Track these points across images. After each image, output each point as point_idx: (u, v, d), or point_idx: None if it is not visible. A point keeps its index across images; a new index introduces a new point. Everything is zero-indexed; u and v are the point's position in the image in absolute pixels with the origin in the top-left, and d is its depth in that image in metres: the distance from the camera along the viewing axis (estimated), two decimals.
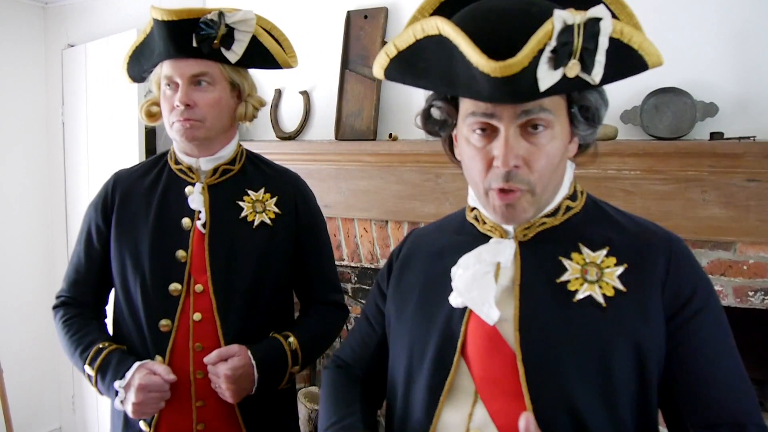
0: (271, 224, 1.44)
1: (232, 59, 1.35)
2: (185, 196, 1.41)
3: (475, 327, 0.93)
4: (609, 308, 0.86)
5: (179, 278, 1.36)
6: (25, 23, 3.43)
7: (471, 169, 0.91)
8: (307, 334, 1.46)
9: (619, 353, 0.84)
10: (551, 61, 0.75)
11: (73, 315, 1.43)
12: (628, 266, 0.89)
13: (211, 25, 1.30)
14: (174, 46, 1.32)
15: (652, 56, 0.80)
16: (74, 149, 3.40)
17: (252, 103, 1.46)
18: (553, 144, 0.86)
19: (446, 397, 0.92)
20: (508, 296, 0.92)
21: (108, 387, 1.32)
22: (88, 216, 1.47)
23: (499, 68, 0.73)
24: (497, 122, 0.85)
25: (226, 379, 1.29)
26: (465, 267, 0.95)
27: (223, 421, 1.39)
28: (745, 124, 1.86)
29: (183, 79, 1.34)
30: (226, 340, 1.36)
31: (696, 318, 0.87)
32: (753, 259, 1.83)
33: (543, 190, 0.89)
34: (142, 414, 1.30)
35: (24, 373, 3.37)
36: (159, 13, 1.30)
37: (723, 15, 1.89)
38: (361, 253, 2.52)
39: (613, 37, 0.77)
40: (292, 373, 1.43)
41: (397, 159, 2.32)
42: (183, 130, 1.35)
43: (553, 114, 0.85)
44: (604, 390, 0.84)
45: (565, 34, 0.74)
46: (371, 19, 2.45)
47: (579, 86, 0.81)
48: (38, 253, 3.55)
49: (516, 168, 0.85)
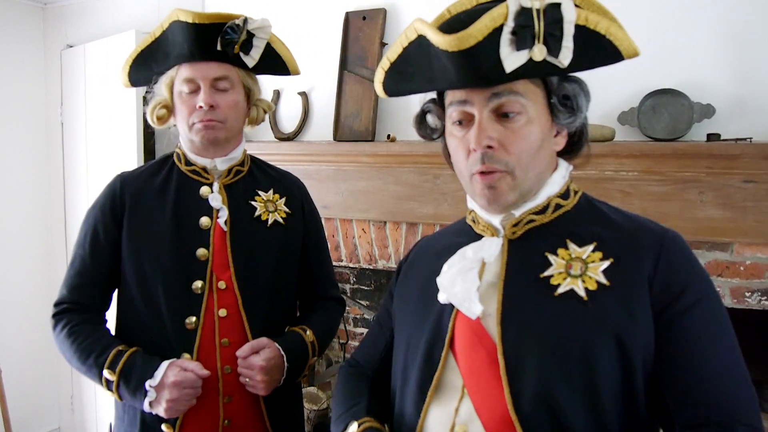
0: (283, 223, 1.49)
1: (250, 64, 1.40)
2: (200, 196, 1.43)
3: (462, 323, 0.95)
4: (590, 302, 0.86)
5: (202, 276, 1.39)
6: (24, 24, 3.43)
7: (457, 161, 0.95)
8: (320, 327, 1.52)
9: (601, 346, 0.84)
10: (512, 42, 0.80)
11: (79, 322, 1.40)
12: (614, 261, 0.88)
13: (236, 29, 1.34)
14: (199, 49, 1.35)
15: (623, 42, 0.82)
16: (73, 149, 3.41)
17: (262, 107, 1.51)
18: (529, 128, 0.89)
19: (434, 392, 0.94)
20: (493, 291, 0.93)
21: (135, 389, 1.30)
22: (91, 218, 1.45)
23: (452, 40, 0.79)
24: (471, 108, 0.89)
25: (260, 370, 1.33)
26: (451, 265, 0.98)
27: (249, 416, 1.42)
28: (741, 125, 1.87)
29: (205, 82, 1.37)
30: (253, 335, 1.40)
31: (688, 314, 0.85)
32: (750, 260, 1.83)
33: (523, 174, 0.91)
34: (176, 412, 1.31)
35: (23, 373, 3.38)
36: (187, 15, 1.33)
37: (720, 17, 1.90)
38: (360, 253, 2.53)
39: (579, 24, 0.81)
40: (311, 365, 1.49)
41: (396, 160, 2.33)
42: (205, 130, 1.38)
43: (525, 98, 0.88)
44: (584, 383, 0.84)
45: (523, 17, 0.79)
46: (370, 21, 2.46)
47: (550, 71, 0.85)
48: (37, 254, 3.55)
49: (491, 149, 0.88)
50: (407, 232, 2.39)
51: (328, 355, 2.88)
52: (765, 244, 1.81)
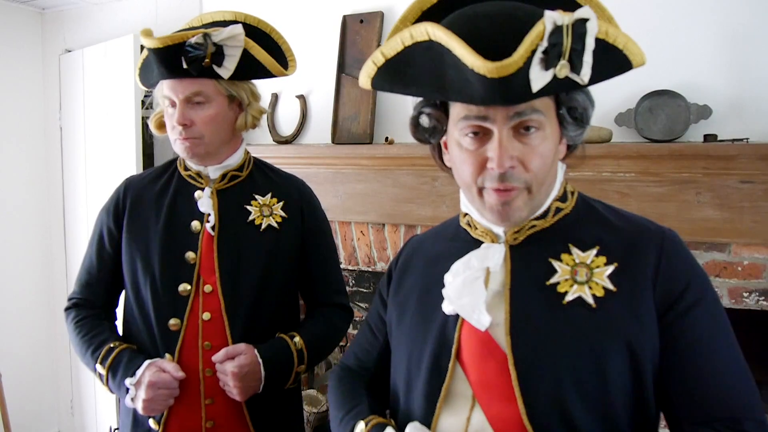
0: (278, 228, 1.49)
1: (225, 75, 1.37)
2: (194, 200, 1.45)
3: (468, 333, 0.93)
4: (599, 309, 0.86)
5: (188, 279, 1.41)
6: (22, 28, 3.44)
7: (463, 172, 0.91)
8: (313, 334, 1.50)
9: (612, 353, 0.84)
10: (543, 62, 0.76)
11: (84, 316, 1.47)
12: (618, 265, 0.88)
13: (197, 47, 1.31)
14: (166, 69, 1.35)
15: (636, 56, 0.81)
16: (72, 154, 3.41)
17: (252, 113, 1.49)
18: (545, 144, 0.87)
19: (443, 403, 0.93)
20: (499, 300, 0.92)
21: (119, 385, 1.35)
22: (99, 220, 1.52)
23: (496, 69, 0.73)
24: (490, 125, 0.85)
25: (233, 376, 1.33)
26: (455, 274, 0.96)
27: (232, 419, 1.42)
28: (738, 126, 1.87)
29: (179, 99, 1.37)
30: (233, 339, 1.40)
31: (690, 313, 0.86)
32: (747, 260, 1.84)
33: (538, 190, 0.90)
34: (151, 411, 1.34)
35: (23, 377, 3.38)
36: (147, 42, 1.33)
37: (717, 18, 1.91)
38: (358, 256, 2.53)
39: (598, 37, 0.78)
40: (298, 372, 1.47)
41: (394, 162, 2.33)
42: (183, 147, 1.41)
43: (544, 115, 0.86)
44: (597, 391, 0.84)
45: (555, 35, 0.75)
46: (367, 24, 2.46)
47: (568, 87, 0.82)
48: (36, 258, 3.55)
49: (512, 168, 0.85)
50: (406, 234, 2.39)
51: (328, 358, 2.88)
52: (762, 244, 1.82)
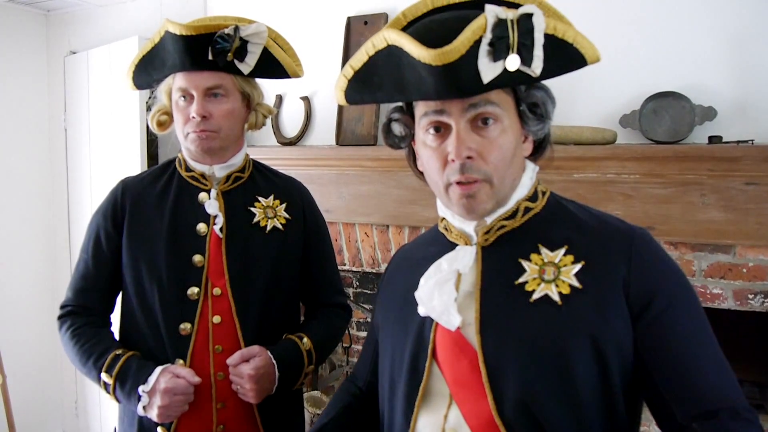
0: (282, 229, 1.48)
1: (245, 71, 1.38)
2: (198, 202, 1.44)
3: (443, 333, 0.96)
4: (564, 305, 0.88)
5: (197, 282, 1.39)
6: (27, 30, 3.45)
7: (430, 170, 0.95)
8: (319, 334, 1.51)
9: (576, 349, 0.86)
10: (490, 54, 0.81)
11: (81, 324, 1.42)
12: (585, 263, 0.90)
13: (227, 38, 1.32)
14: (190, 60, 1.34)
15: (588, 50, 0.85)
16: (77, 155, 3.42)
17: (261, 112, 1.50)
18: (504, 137, 0.91)
19: (421, 401, 0.96)
20: (470, 301, 0.95)
21: (129, 393, 1.32)
22: (94, 223, 1.48)
23: (437, 55, 0.78)
24: (447, 118, 0.90)
25: (249, 378, 1.32)
26: (427, 277, 0.99)
27: (243, 423, 1.42)
28: (743, 127, 1.87)
29: (198, 91, 1.36)
30: (245, 342, 1.39)
31: (668, 312, 0.87)
32: (752, 262, 1.83)
33: (500, 182, 0.92)
34: (167, 418, 1.32)
35: (27, 378, 3.39)
36: (175, 27, 1.31)
37: (721, 19, 1.91)
38: (363, 257, 2.53)
39: (547, 33, 0.83)
40: (306, 373, 1.47)
41: (398, 164, 2.33)
42: (199, 140, 1.38)
43: (500, 107, 0.90)
44: (563, 385, 0.86)
45: (499, 28, 0.80)
46: (371, 25, 2.47)
47: (522, 80, 0.86)
48: (41, 259, 3.57)
49: (470, 159, 0.89)
50: (410, 235, 2.40)
51: (332, 358, 2.89)
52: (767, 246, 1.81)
